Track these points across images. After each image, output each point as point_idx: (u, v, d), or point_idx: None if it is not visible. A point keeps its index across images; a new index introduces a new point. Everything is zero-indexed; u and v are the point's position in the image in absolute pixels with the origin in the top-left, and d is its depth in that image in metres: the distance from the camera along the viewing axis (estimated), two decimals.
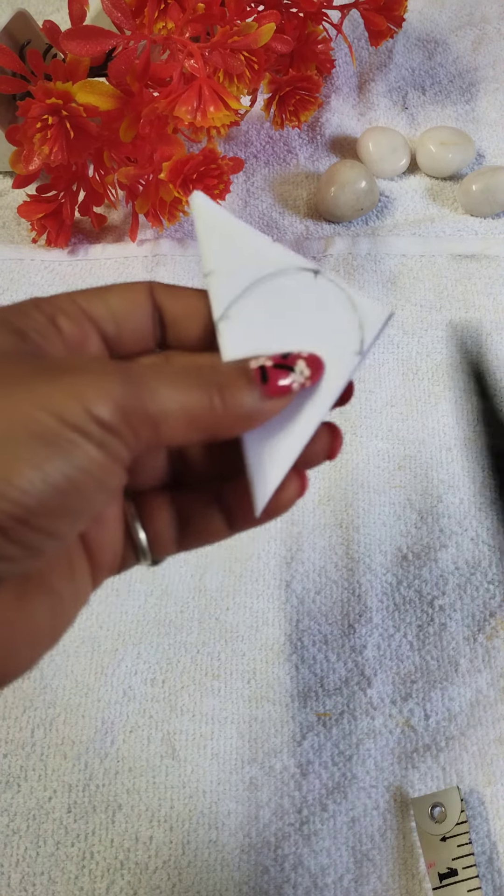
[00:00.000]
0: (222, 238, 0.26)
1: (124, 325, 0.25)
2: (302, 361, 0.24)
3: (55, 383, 0.20)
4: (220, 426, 0.22)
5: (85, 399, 0.20)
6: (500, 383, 0.24)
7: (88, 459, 0.20)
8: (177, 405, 0.21)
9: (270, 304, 0.25)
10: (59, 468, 0.19)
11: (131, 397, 0.20)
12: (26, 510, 0.19)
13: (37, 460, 0.19)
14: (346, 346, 0.25)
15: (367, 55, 0.68)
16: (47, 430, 0.19)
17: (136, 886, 0.38)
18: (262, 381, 0.23)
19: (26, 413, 0.19)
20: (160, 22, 0.46)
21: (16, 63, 0.48)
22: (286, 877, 0.38)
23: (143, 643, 0.43)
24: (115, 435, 0.20)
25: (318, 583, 0.45)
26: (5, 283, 0.56)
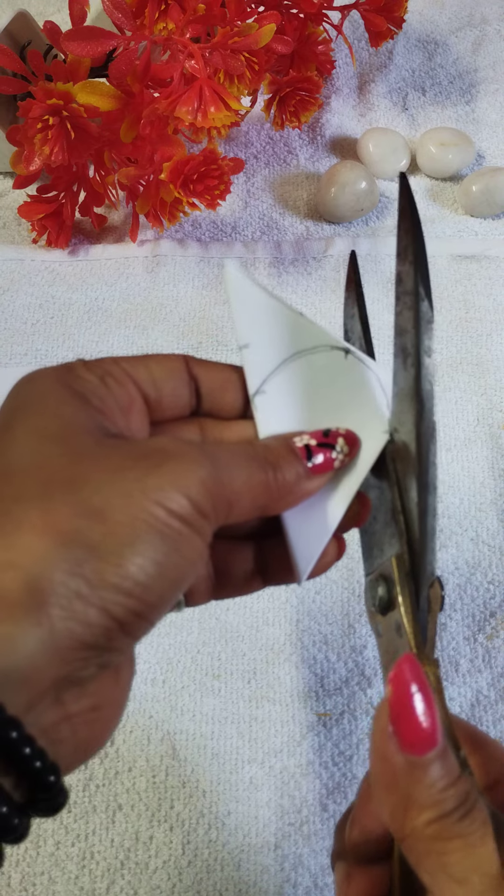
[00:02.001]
0: (256, 311, 0.27)
1: (164, 389, 0.25)
2: (342, 438, 0.25)
3: (159, 474, 0.20)
4: (272, 503, 0.23)
5: (186, 487, 0.20)
6: None
7: (191, 546, 0.21)
8: (245, 485, 0.22)
9: (304, 381, 0.26)
10: (172, 559, 0.20)
11: (215, 479, 0.21)
12: (146, 605, 0.20)
13: (155, 555, 0.20)
14: (375, 425, 0.25)
15: (368, 56, 0.68)
16: (161, 524, 0.20)
17: (136, 886, 0.38)
18: (306, 459, 0.24)
19: (143, 507, 0.20)
20: (161, 23, 0.46)
21: (16, 63, 0.48)
22: (286, 876, 0.38)
23: (143, 643, 0.43)
24: (205, 517, 0.21)
25: (318, 583, 0.45)
26: (6, 283, 0.56)
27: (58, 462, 0.21)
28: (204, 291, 0.56)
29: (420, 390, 0.23)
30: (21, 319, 0.55)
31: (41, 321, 0.55)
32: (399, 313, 0.25)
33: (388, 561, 0.25)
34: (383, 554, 0.25)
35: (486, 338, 0.53)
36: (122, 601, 0.19)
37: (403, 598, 0.24)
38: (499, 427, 0.50)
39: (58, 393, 0.23)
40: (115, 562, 0.19)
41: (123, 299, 0.55)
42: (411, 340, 0.24)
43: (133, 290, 0.56)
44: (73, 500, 0.20)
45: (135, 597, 0.19)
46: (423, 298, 0.24)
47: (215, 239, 0.59)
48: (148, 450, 0.22)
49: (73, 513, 0.19)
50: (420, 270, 0.24)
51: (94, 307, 0.55)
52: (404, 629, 0.24)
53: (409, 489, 0.24)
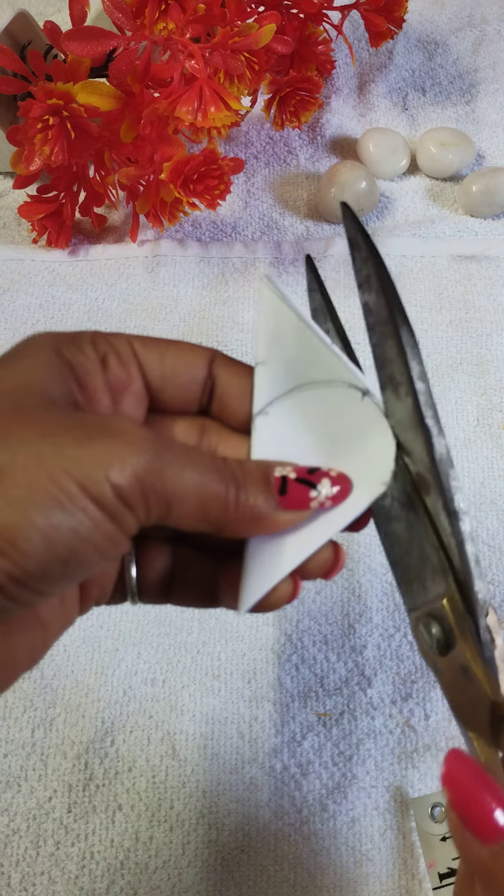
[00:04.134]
0: (281, 329, 0.25)
1: (171, 381, 0.25)
2: (328, 480, 0.23)
3: (85, 446, 0.20)
4: (228, 523, 0.22)
5: (110, 467, 0.19)
6: None
7: (97, 530, 0.20)
8: (193, 490, 0.21)
9: (312, 413, 0.25)
10: (66, 537, 0.19)
11: (153, 473, 0.20)
12: (25, 573, 0.19)
13: (46, 527, 0.19)
14: (375, 475, 0.24)
15: (368, 56, 0.68)
16: (66, 497, 0.19)
17: (136, 886, 0.38)
18: (280, 491, 0.23)
19: (50, 473, 0.19)
20: (161, 23, 0.46)
21: (17, 63, 0.48)
22: (286, 877, 0.38)
23: (143, 643, 0.43)
24: (129, 507, 0.20)
25: (318, 583, 0.45)
26: (6, 284, 0.56)
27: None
28: (204, 291, 0.56)
29: (423, 418, 0.22)
30: (21, 319, 0.55)
31: (41, 321, 0.55)
32: (377, 344, 0.24)
33: (439, 602, 0.23)
34: (427, 591, 0.24)
35: (486, 338, 0.53)
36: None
37: (465, 640, 0.23)
38: (499, 427, 0.50)
39: (42, 356, 0.22)
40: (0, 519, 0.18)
41: (123, 299, 0.55)
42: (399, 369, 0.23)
43: (133, 290, 0.56)
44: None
45: (9, 559, 0.19)
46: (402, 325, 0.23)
47: (215, 239, 0.59)
48: (90, 422, 0.21)
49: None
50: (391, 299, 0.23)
51: (94, 307, 0.55)
52: (472, 673, 0.23)
53: (440, 520, 0.23)
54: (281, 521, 0.23)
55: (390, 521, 0.24)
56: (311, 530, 0.24)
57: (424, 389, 0.23)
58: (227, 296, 0.55)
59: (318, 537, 0.24)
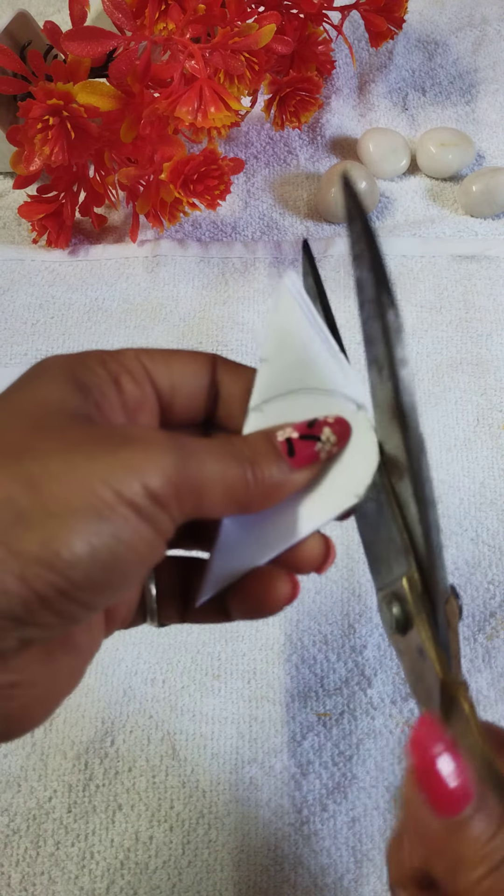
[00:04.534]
0: (290, 331, 0.25)
1: (179, 392, 0.25)
2: (328, 428, 0.24)
3: (115, 455, 0.20)
4: (252, 499, 0.22)
5: (142, 473, 0.20)
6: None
7: (137, 535, 0.20)
8: (218, 479, 0.21)
9: (304, 416, 0.25)
10: (108, 543, 0.19)
11: (181, 470, 0.20)
12: (70, 583, 0.19)
13: (88, 534, 0.19)
14: (350, 486, 0.24)
15: (368, 56, 0.68)
16: (103, 504, 0.19)
17: (136, 886, 0.38)
18: (288, 454, 0.23)
19: (85, 484, 0.19)
20: (161, 23, 0.46)
21: (17, 64, 0.48)
22: (286, 877, 0.38)
23: (143, 643, 0.43)
24: (163, 508, 0.20)
25: (318, 583, 0.45)
26: (6, 284, 0.56)
27: (16, 434, 0.20)
28: (204, 291, 0.56)
29: (402, 404, 0.22)
30: (21, 319, 0.55)
31: (41, 321, 0.55)
32: (365, 322, 0.24)
33: (399, 581, 0.24)
34: (391, 572, 0.24)
35: (486, 338, 0.53)
36: (42, 573, 0.18)
37: (420, 620, 0.23)
38: (499, 427, 0.50)
39: (57, 377, 0.22)
40: (40, 532, 0.18)
41: (123, 299, 0.55)
42: (382, 352, 0.23)
43: (133, 291, 0.56)
44: (12, 468, 0.19)
45: (57, 571, 0.18)
46: (389, 307, 0.23)
47: (215, 239, 0.59)
48: (112, 432, 0.21)
49: (9, 479, 0.19)
50: (380, 277, 0.23)
51: (94, 307, 0.55)
52: (427, 653, 0.23)
53: (408, 504, 0.23)
54: (298, 482, 0.23)
55: (364, 501, 0.25)
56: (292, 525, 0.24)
57: (406, 375, 0.23)
58: (227, 296, 0.55)
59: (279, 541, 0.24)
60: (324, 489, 0.24)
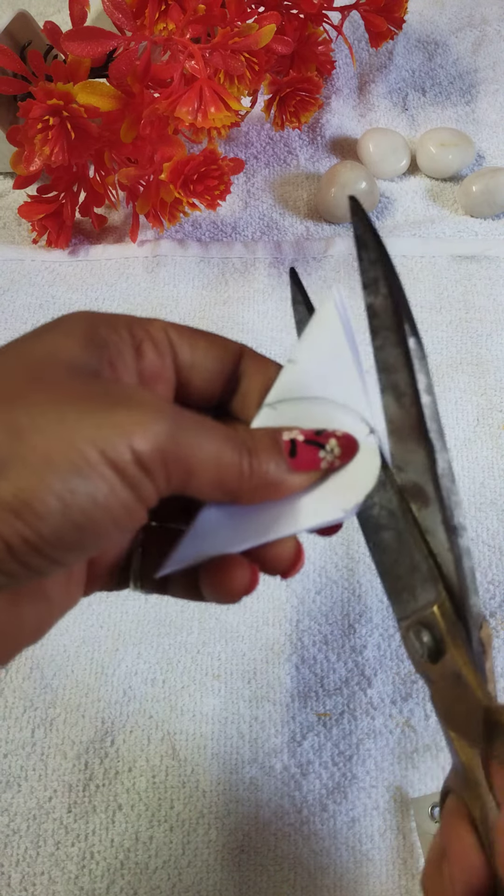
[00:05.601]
0: (326, 342, 0.25)
1: (198, 372, 0.25)
2: (334, 440, 0.24)
3: (107, 414, 0.19)
4: (243, 490, 0.22)
5: (131, 435, 0.19)
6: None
7: (115, 498, 0.19)
8: (211, 459, 0.21)
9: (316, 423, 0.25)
10: (82, 502, 0.19)
11: (173, 441, 0.20)
12: (39, 536, 0.19)
13: (62, 491, 0.18)
14: (339, 501, 0.24)
15: (368, 56, 0.68)
16: (84, 462, 0.19)
17: (136, 886, 0.38)
18: (290, 454, 0.23)
19: (70, 439, 0.19)
20: (161, 23, 0.46)
21: (17, 64, 0.48)
22: (286, 877, 0.38)
23: (143, 643, 0.43)
24: (149, 476, 0.20)
25: (318, 583, 0.45)
26: (6, 284, 0.56)
27: (14, 381, 0.20)
28: (204, 291, 0.56)
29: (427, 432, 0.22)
30: (21, 319, 0.55)
31: (41, 321, 0.54)
32: (380, 348, 0.24)
33: (429, 609, 0.23)
34: (416, 600, 0.24)
35: (486, 338, 0.53)
36: (10, 521, 0.18)
37: (457, 647, 0.23)
38: (499, 427, 0.50)
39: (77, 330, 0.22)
40: (15, 480, 0.18)
41: (123, 299, 0.55)
42: (404, 379, 0.23)
43: (133, 291, 0.56)
44: (2, 418, 0.19)
45: (24, 521, 0.18)
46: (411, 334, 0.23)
47: (215, 239, 0.59)
48: (111, 390, 0.21)
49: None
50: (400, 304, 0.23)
51: (94, 307, 0.55)
52: (465, 680, 0.23)
53: (434, 532, 0.23)
54: (293, 484, 0.23)
55: (379, 530, 0.25)
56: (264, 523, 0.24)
57: (430, 402, 0.23)
58: (227, 296, 0.55)
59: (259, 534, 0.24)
60: (314, 496, 0.24)
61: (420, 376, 0.23)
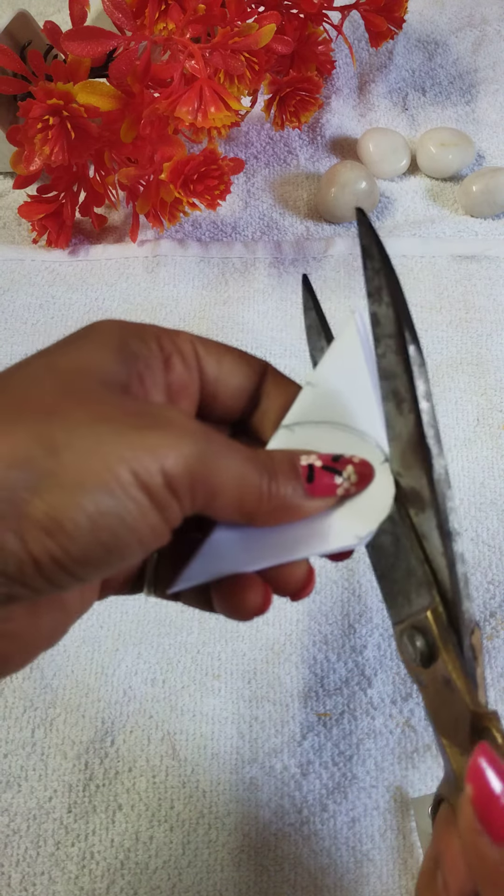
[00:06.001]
0: (348, 366, 0.25)
1: (223, 388, 0.25)
2: (351, 467, 0.24)
3: (141, 435, 0.20)
4: (261, 512, 0.22)
5: (163, 456, 0.19)
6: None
7: (143, 519, 0.20)
8: (235, 480, 0.21)
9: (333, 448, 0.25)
10: (111, 523, 0.19)
11: (202, 463, 0.20)
12: (67, 555, 0.19)
13: (94, 512, 0.19)
14: (354, 528, 0.24)
15: (368, 56, 0.68)
16: (118, 484, 0.19)
17: (136, 886, 0.38)
18: (307, 479, 0.23)
19: (105, 460, 0.19)
20: (161, 23, 0.46)
21: (17, 64, 0.48)
22: (286, 877, 0.38)
23: (143, 643, 0.43)
24: (176, 497, 0.20)
25: (318, 583, 0.45)
26: (6, 284, 0.56)
27: (48, 394, 0.20)
28: (204, 291, 0.56)
29: (425, 437, 0.22)
30: (21, 319, 0.55)
31: (41, 321, 0.55)
32: (382, 355, 0.24)
33: (423, 614, 0.24)
34: (411, 604, 0.24)
35: (486, 338, 0.53)
36: (41, 539, 0.18)
37: (448, 653, 0.23)
38: (499, 427, 0.50)
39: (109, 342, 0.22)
40: (49, 499, 0.18)
41: (123, 299, 0.55)
42: (404, 385, 0.23)
43: (133, 291, 0.56)
44: (37, 430, 0.19)
45: (55, 540, 0.19)
46: (411, 342, 0.23)
47: (215, 239, 0.59)
48: (143, 410, 0.21)
49: (31, 441, 0.19)
50: (401, 313, 0.23)
51: (94, 307, 0.55)
52: (454, 685, 0.23)
53: (429, 537, 0.23)
54: (309, 509, 0.23)
55: (378, 534, 0.25)
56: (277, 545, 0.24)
57: (428, 409, 0.23)
58: (227, 296, 0.55)
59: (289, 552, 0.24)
60: (329, 521, 0.24)
61: (419, 383, 0.23)
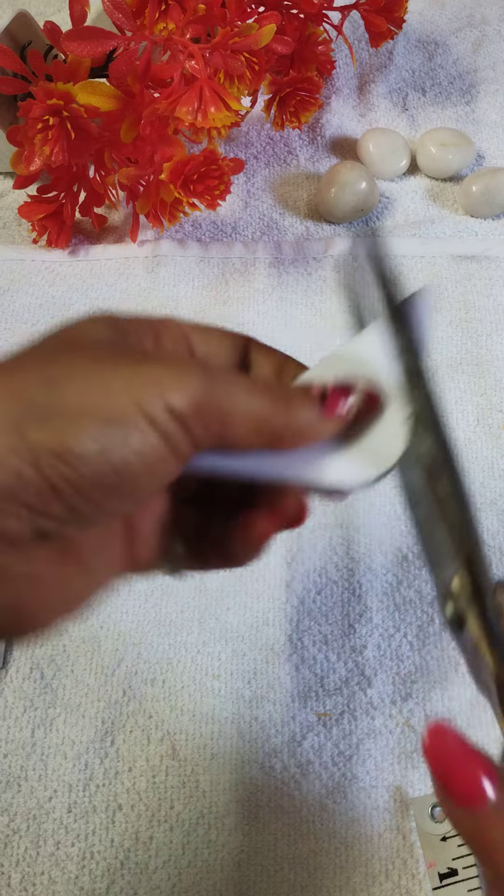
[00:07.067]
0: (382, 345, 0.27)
1: (213, 361, 0.26)
2: (361, 387, 0.25)
3: (139, 368, 0.21)
4: (280, 436, 0.23)
5: (164, 388, 0.20)
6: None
7: (149, 447, 0.20)
8: (246, 407, 0.22)
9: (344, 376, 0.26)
10: (118, 448, 0.20)
11: (208, 393, 0.21)
12: (81, 477, 0.20)
13: (99, 436, 0.20)
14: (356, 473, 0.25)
15: (368, 56, 0.68)
16: (119, 413, 0.20)
17: (136, 886, 0.38)
18: (321, 402, 0.24)
19: (105, 390, 0.20)
20: (161, 23, 0.46)
21: (17, 64, 0.48)
22: (286, 877, 0.38)
23: (143, 643, 0.43)
24: (184, 427, 0.21)
25: (318, 583, 0.45)
26: (6, 284, 0.56)
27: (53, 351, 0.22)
28: (204, 292, 0.56)
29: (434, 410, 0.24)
30: (21, 319, 0.55)
31: (41, 321, 0.55)
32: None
33: (450, 580, 0.25)
34: (444, 572, 0.25)
35: (486, 338, 0.53)
36: (54, 463, 0.19)
37: (473, 618, 0.24)
38: (499, 427, 0.50)
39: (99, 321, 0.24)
40: (55, 426, 0.19)
41: (123, 299, 0.55)
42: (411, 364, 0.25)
43: (133, 291, 0.56)
44: (38, 371, 0.21)
45: (68, 464, 0.19)
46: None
47: (215, 239, 0.59)
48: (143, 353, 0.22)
49: (33, 379, 0.20)
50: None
51: (94, 307, 0.55)
52: (480, 652, 0.24)
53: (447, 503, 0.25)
54: (323, 430, 0.24)
55: (416, 504, 0.26)
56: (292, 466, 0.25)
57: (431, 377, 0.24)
58: (227, 296, 0.55)
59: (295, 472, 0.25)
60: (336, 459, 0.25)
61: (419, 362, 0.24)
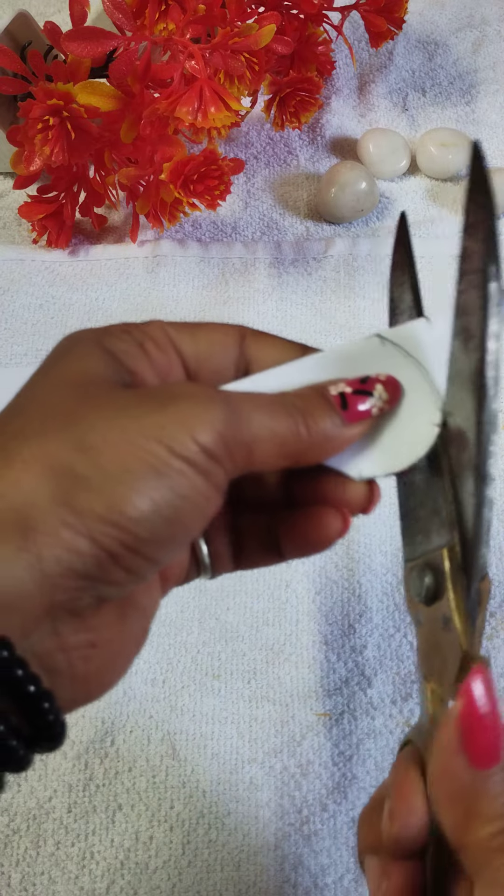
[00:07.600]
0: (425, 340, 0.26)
1: (205, 363, 0.25)
2: (380, 385, 0.24)
3: (163, 413, 0.20)
4: (305, 452, 0.23)
5: (192, 428, 0.20)
6: None
7: (194, 489, 0.20)
8: (268, 432, 0.22)
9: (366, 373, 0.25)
10: (168, 498, 0.20)
11: (230, 425, 0.21)
12: (137, 539, 0.20)
13: (149, 491, 0.20)
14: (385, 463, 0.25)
15: (368, 57, 0.68)
16: (159, 461, 0.20)
17: (136, 886, 0.38)
18: (342, 407, 0.23)
19: (139, 444, 0.20)
20: (161, 23, 0.46)
21: (17, 64, 0.48)
22: (286, 877, 0.38)
23: None
24: (217, 462, 0.21)
25: (318, 583, 0.45)
26: (6, 284, 0.56)
27: (64, 402, 0.21)
28: (204, 291, 0.56)
29: (484, 377, 0.22)
30: (21, 319, 0.55)
31: (41, 321, 0.55)
32: (462, 291, 0.24)
33: (438, 551, 0.24)
34: (430, 542, 0.24)
35: None
36: (109, 532, 0.19)
37: (455, 591, 0.23)
38: (499, 427, 0.50)
39: (87, 348, 0.23)
40: (103, 493, 0.19)
41: (123, 299, 0.55)
42: (476, 322, 0.23)
43: (133, 291, 0.56)
44: (66, 436, 0.20)
45: (122, 528, 0.19)
46: (493, 279, 0.22)
47: (215, 239, 0.59)
48: (158, 392, 0.22)
49: (65, 447, 0.20)
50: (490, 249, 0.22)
51: (94, 307, 0.55)
52: (453, 624, 0.23)
53: (464, 479, 0.23)
54: (350, 436, 0.24)
55: (413, 470, 0.25)
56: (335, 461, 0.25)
57: (495, 350, 0.22)
58: (227, 296, 0.55)
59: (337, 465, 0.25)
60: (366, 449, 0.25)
61: (492, 321, 0.22)
